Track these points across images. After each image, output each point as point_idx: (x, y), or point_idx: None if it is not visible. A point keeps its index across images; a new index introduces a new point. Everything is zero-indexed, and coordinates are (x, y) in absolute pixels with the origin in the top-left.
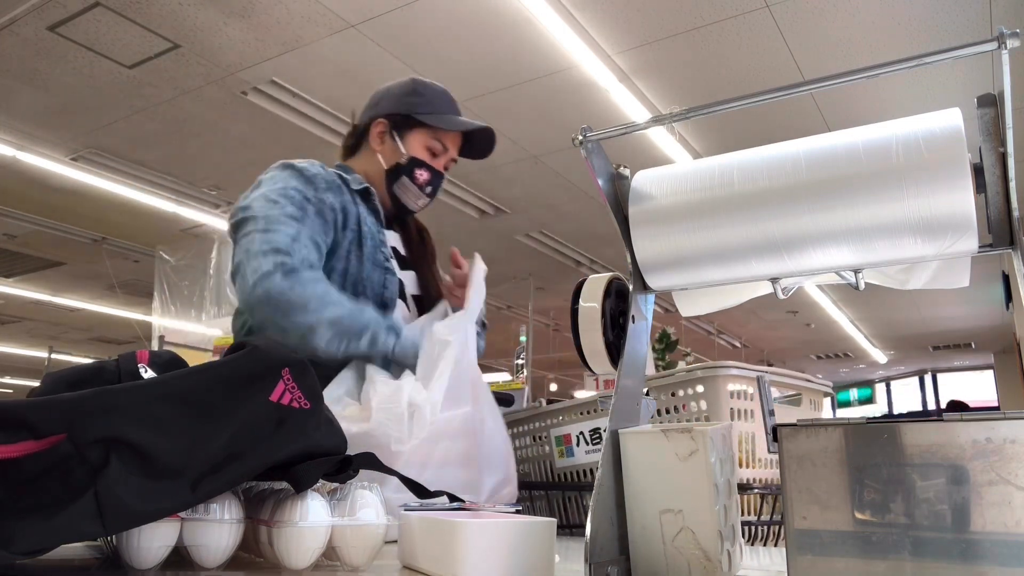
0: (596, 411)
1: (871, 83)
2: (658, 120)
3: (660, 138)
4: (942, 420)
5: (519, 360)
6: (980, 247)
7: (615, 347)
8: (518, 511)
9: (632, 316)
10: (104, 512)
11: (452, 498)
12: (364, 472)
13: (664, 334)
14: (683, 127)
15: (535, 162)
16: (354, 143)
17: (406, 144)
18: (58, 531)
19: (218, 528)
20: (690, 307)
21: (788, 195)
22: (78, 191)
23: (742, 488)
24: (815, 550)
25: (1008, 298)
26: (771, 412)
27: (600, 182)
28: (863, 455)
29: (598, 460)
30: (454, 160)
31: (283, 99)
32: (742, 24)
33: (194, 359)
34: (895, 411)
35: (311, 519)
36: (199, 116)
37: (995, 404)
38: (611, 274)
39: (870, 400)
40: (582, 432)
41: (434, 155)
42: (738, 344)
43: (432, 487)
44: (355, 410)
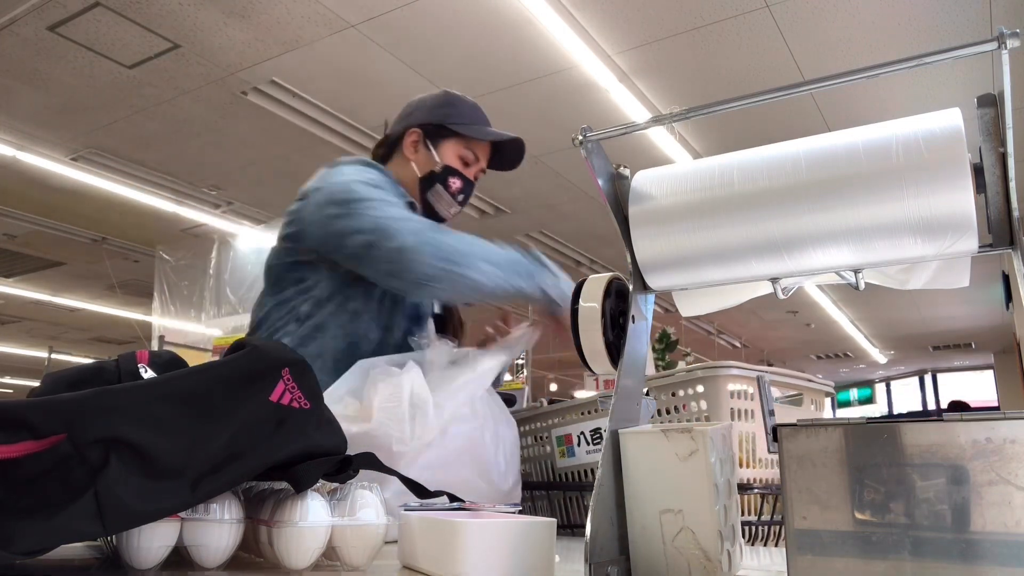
0: (597, 411)
1: (871, 83)
2: (658, 120)
3: (660, 138)
4: (942, 420)
5: (519, 360)
6: (980, 247)
7: (615, 347)
8: (519, 511)
9: (632, 316)
10: (104, 512)
11: (452, 498)
12: (364, 472)
13: (664, 334)
14: (683, 127)
15: (535, 162)
16: (385, 152)
17: (439, 153)
18: (58, 531)
19: (218, 528)
20: (690, 307)
21: (788, 195)
22: (78, 191)
23: (742, 488)
24: (815, 550)
25: (1008, 298)
26: (771, 412)
27: (600, 182)
28: (863, 455)
29: (599, 460)
30: (483, 170)
31: (283, 99)
32: (742, 24)
33: (194, 359)
34: (895, 411)
35: (311, 519)
36: (199, 116)
37: (995, 404)
38: (611, 274)
39: (870, 400)
40: (583, 432)
41: (466, 164)
42: (738, 344)
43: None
44: (356, 409)
